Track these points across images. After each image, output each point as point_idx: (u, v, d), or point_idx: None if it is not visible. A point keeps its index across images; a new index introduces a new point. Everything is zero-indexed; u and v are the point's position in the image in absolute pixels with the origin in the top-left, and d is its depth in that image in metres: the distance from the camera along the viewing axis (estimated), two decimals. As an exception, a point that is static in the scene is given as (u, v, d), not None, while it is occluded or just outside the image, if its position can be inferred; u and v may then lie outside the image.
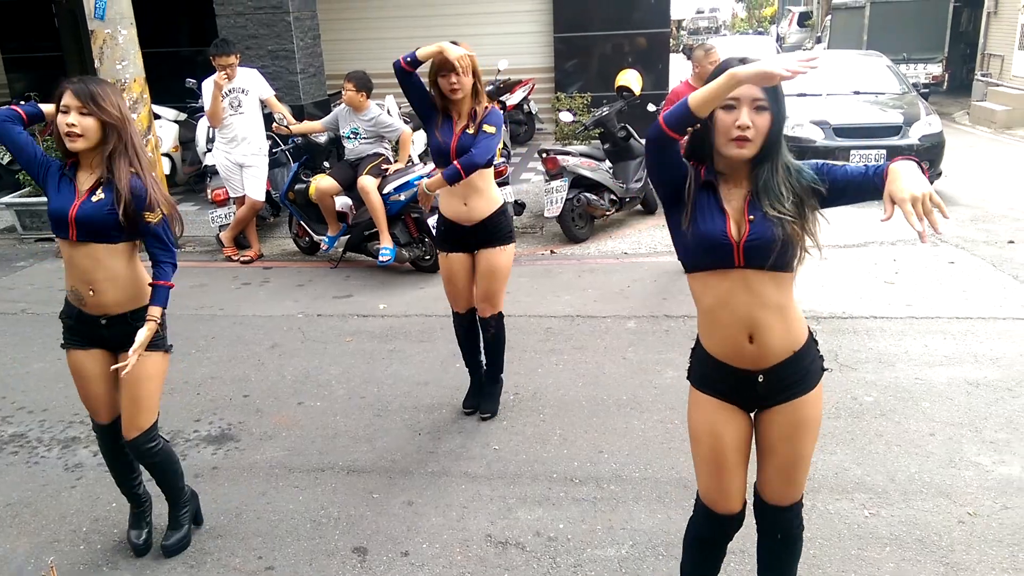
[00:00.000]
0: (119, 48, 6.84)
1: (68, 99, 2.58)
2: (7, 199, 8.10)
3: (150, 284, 2.77)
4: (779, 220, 1.93)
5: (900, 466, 3.45)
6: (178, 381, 4.54)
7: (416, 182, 6.07)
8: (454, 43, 3.49)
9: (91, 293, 2.72)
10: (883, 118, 8.62)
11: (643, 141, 7.71)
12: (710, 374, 2.14)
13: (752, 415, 2.18)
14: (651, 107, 8.05)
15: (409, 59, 3.46)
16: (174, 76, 9.25)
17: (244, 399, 4.37)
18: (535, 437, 3.84)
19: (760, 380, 2.07)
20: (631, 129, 7.73)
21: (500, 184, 6.89)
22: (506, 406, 4.15)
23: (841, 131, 8.42)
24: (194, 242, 7.63)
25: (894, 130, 8.39)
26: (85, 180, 2.68)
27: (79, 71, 11.65)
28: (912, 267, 6.12)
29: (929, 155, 8.31)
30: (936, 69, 16.78)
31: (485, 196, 3.68)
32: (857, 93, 9.31)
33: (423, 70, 3.47)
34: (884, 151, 8.17)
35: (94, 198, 2.65)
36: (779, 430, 2.12)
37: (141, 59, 7.07)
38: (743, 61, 1.88)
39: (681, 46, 36.00)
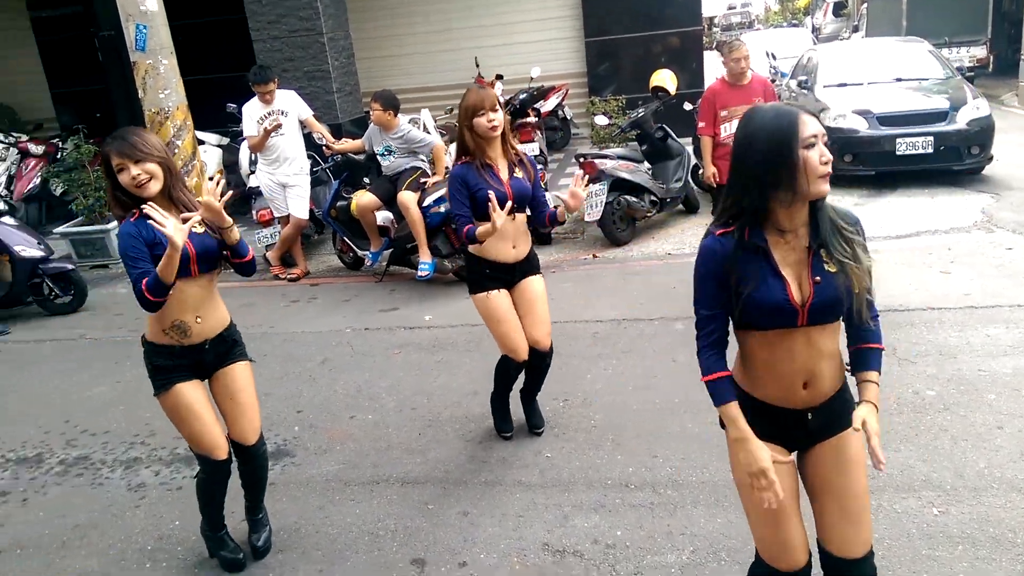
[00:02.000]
0: (161, 78, 7.02)
1: (117, 159, 2.64)
2: (62, 229, 8.35)
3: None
4: (842, 269, 1.91)
5: (968, 461, 3.34)
6: (232, 400, 4.62)
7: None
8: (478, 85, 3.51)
9: (198, 321, 2.81)
10: (929, 104, 8.40)
11: (681, 141, 7.65)
12: (755, 419, 2.02)
13: (794, 458, 2.11)
14: (687, 106, 7.98)
15: (469, 236, 3.47)
16: (215, 102, 9.45)
17: (298, 415, 4.42)
18: (587, 443, 3.81)
19: (810, 417, 2.03)
20: (668, 129, 7.67)
21: (539, 191, 6.92)
22: (556, 412, 4.12)
23: (886, 119, 8.22)
24: (241, 263, 7.77)
25: (940, 116, 8.16)
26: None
27: (124, 102, 11.97)
28: (968, 255, 5.94)
29: (978, 139, 8.08)
30: (980, 51, 16.30)
31: (527, 236, 3.69)
32: (899, 80, 9.09)
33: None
34: (931, 138, 7.96)
35: (198, 230, 2.73)
36: (831, 464, 2.05)
37: (183, 87, 7.24)
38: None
39: (714, 43, 35.62)
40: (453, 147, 8.03)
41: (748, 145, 1.92)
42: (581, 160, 7.11)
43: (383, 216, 6.63)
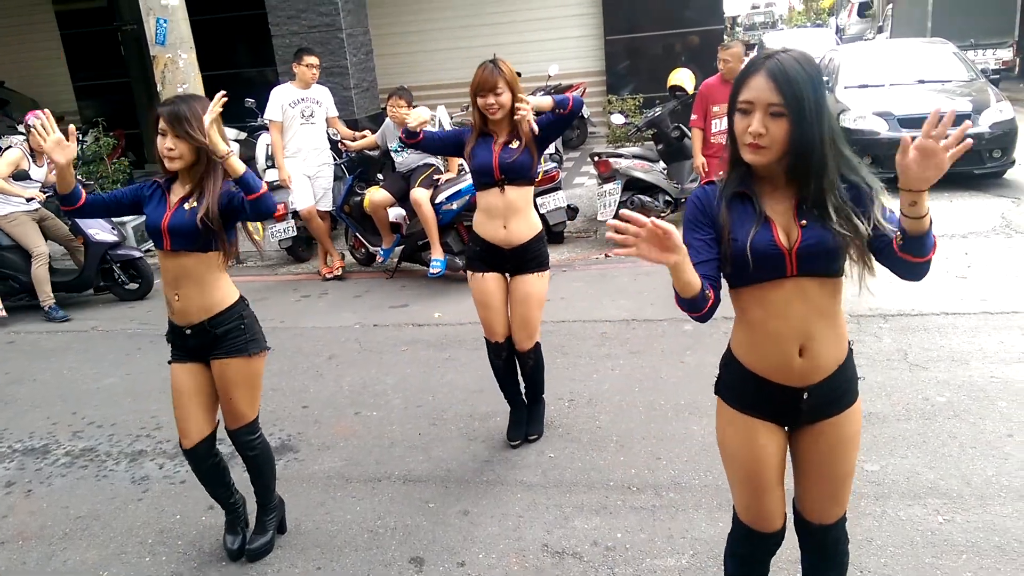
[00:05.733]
0: (180, 72, 7.06)
1: (163, 124, 2.70)
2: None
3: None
4: (832, 230, 1.81)
5: (976, 469, 3.28)
6: (240, 394, 4.64)
7: (467, 192, 6.11)
8: (493, 61, 3.41)
9: (176, 299, 2.84)
10: (950, 106, 8.22)
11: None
12: (749, 391, 2.00)
13: (787, 429, 2.06)
14: (705, 105, 7.91)
15: (404, 134, 3.57)
16: (234, 96, 9.49)
17: (303, 410, 4.43)
18: (591, 444, 3.78)
19: (805, 397, 1.94)
20: (685, 128, 7.60)
21: (552, 190, 6.90)
22: (561, 413, 4.10)
23: (906, 122, 8.09)
24: (255, 257, 7.81)
25: (962, 118, 8.01)
26: (177, 193, 2.81)
27: (145, 95, 12.10)
28: (985, 260, 5.84)
29: (1001, 143, 7.95)
30: (1006, 54, 16.07)
31: (526, 220, 3.53)
32: (921, 82, 8.96)
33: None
34: (952, 140, 7.83)
35: (186, 206, 2.77)
36: (822, 448, 2.00)
37: (201, 81, 7.28)
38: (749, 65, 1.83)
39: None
40: (467, 144, 8.01)
41: None
42: (596, 159, 7.08)
43: (395, 213, 6.63)
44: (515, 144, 3.47)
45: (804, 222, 1.83)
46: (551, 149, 8.56)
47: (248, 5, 11.19)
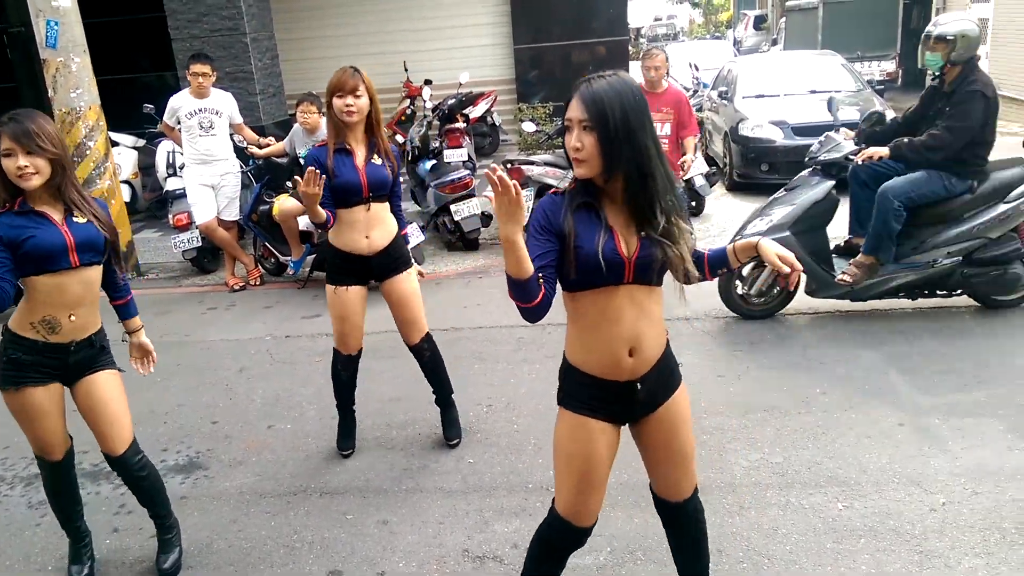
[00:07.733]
0: (72, 76, 6.75)
1: (8, 143, 2.50)
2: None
3: (119, 301, 2.97)
4: (658, 241, 1.98)
5: (871, 457, 3.48)
6: (144, 411, 4.45)
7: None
8: (353, 67, 3.41)
9: (72, 319, 2.67)
10: (840, 115, 8.74)
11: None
12: (586, 393, 2.13)
13: (624, 426, 2.22)
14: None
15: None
16: (131, 102, 9.14)
17: (213, 425, 4.29)
18: (510, 448, 3.81)
19: (639, 387, 2.11)
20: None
21: (466, 197, 6.93)
22: (479, 418, 4.12)
23: (800, 130, 8.53)
24: (157, 269, 7.52)
25: (851, 127, 8.49)
26: (52, 211, 2.63)
27: (34, 101, 11.45)
28: (875, 260, 6.19)
29: (887, 150, 8.45)
30: (890, 65, 17.12)
31: (386, 225, 3.55)
32: (813, 92, 9.44)
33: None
34: (843, 148, 8.29)
35: (78, 220, 2.63)
36: (665, 431, 2.19)
37: (96, 86, 6.97)
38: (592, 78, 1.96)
39: (641, 53, 36.31)
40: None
41: None
42: (508, 166, 7.15)
43: (306, 222, 6.51)
44: (377, 160, 3.47)
45: (643, 233, 1.99)
46: (464, 156, 8.59)
47: (147, 7, 10.77)
